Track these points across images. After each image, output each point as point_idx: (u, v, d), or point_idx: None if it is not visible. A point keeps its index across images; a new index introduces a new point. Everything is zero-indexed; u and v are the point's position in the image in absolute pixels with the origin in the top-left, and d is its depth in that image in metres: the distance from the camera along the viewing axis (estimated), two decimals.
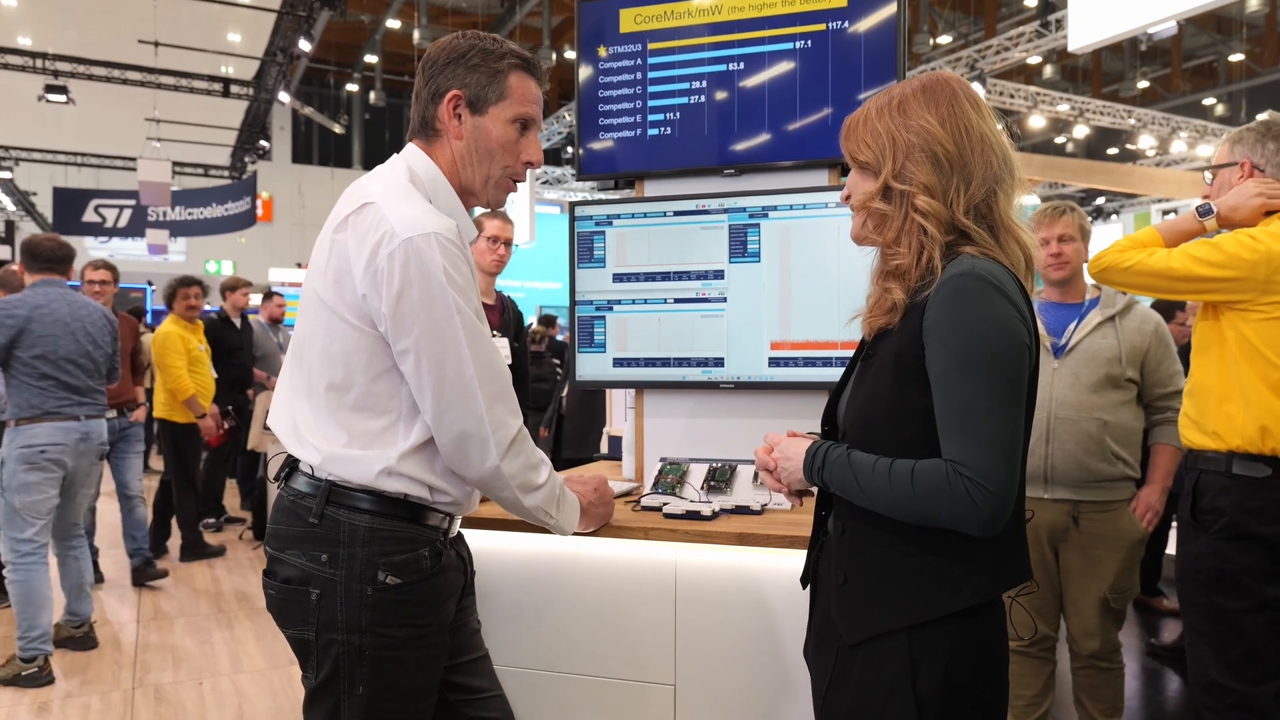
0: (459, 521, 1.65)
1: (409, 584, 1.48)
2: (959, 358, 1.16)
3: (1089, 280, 2.68)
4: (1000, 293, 1.17)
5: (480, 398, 1.44)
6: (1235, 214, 2.05)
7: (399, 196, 1.47)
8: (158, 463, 6.05)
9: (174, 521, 5.72)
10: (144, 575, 5.03)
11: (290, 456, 1.56)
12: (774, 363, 2.30)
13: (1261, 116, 2.27)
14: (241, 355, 6.28)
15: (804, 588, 1.49)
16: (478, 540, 2.07)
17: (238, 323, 6.37)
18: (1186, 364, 2.66)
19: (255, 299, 7.60)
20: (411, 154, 1.57)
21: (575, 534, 1.77)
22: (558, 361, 7.27)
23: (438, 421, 1.45)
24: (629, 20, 2.48)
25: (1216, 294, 2.00)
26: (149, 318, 11.44)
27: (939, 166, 1.25)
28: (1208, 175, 2.20)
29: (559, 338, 9.45)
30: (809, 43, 2.33)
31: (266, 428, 5.74)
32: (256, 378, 6.35)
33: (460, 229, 1.50)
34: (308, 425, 1.50)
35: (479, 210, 2.53)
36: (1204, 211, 2.09)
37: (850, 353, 2.20)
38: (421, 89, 1.57)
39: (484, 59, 1.53)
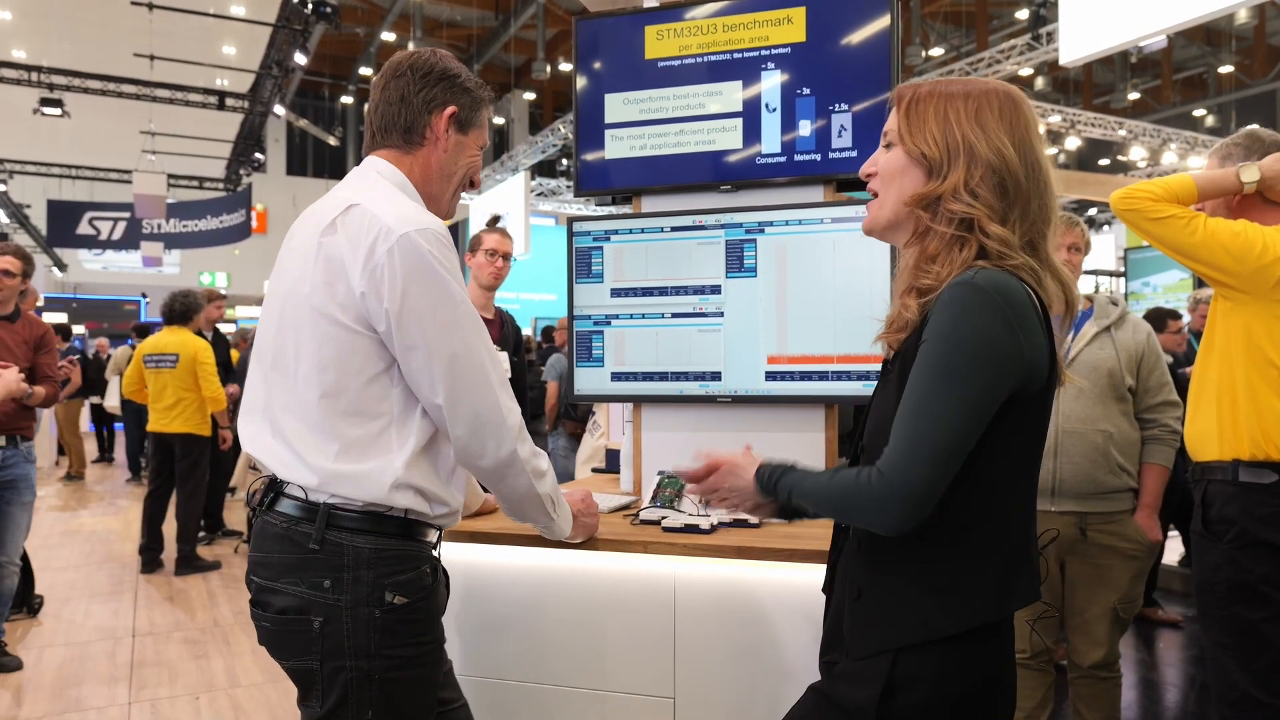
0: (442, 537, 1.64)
1: (414, 602, 1.46)
2: (931, 361, 1.13)
3: (1081, 291, 2.71)
4: (995, 305, 1.11)
5: (492, 382, 1.46)
6: None
7: (385, 196, 1.49)
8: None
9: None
10: None
11: (271, 480, 1.48)
12: (771, 376, 2.32)
13: (1240, 132, 2.29)
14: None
15: (825, 595, 1.43)
16: (476, 554, 2.08)
17: (209, 335, 6.42)
18: (1173, 374, 2.69)
19: (241, 310, 7.61)
20: (378, 164, 1.58)
21: (564, 543, 1.81)
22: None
23: (452, 411, 1.42)
24: (631, 38, 2.51)
25: (1225, 281, 1.98)
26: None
27: (1004, 195, 1.18)
28: None
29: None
30: (804, 59, 2.36)
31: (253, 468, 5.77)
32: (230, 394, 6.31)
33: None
34: (301, 442, 1.43)
35: (480, 226, 2.58)
36: (1248, 177, 2.02)
37: (846, 366, 2.25)
38: (412, 95, 1.55)
39: (474, 85, 1.62)
